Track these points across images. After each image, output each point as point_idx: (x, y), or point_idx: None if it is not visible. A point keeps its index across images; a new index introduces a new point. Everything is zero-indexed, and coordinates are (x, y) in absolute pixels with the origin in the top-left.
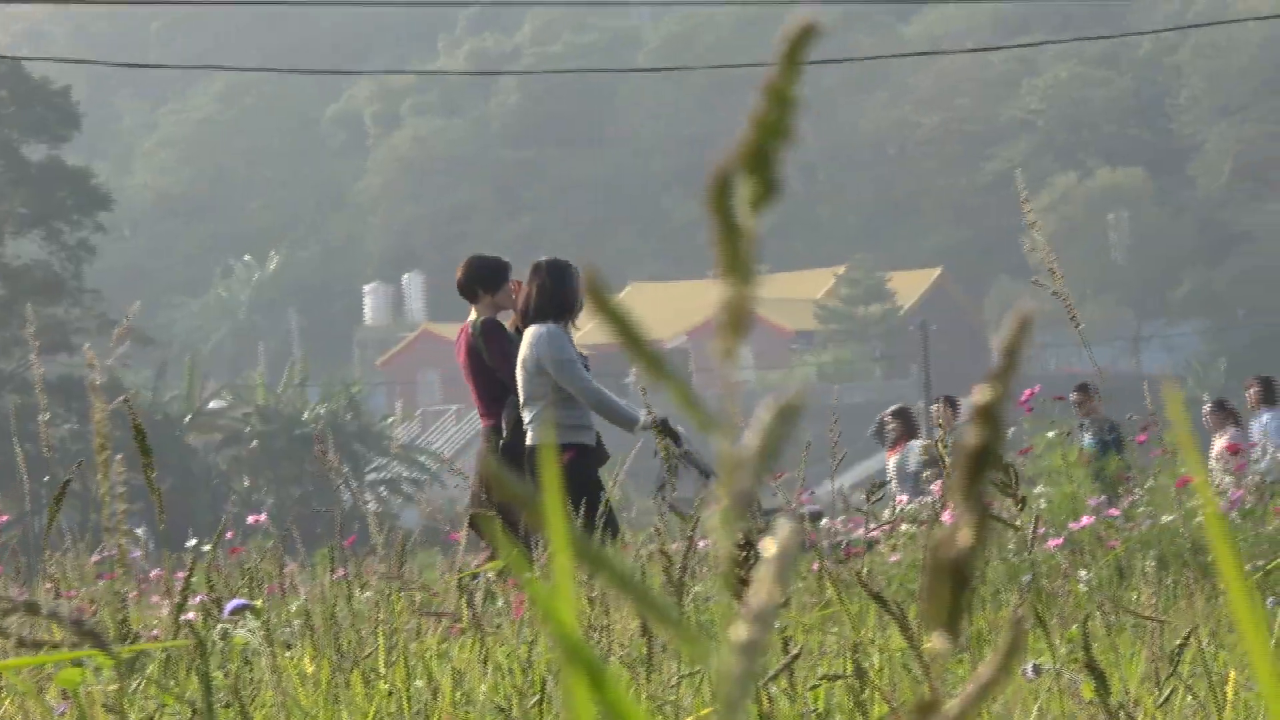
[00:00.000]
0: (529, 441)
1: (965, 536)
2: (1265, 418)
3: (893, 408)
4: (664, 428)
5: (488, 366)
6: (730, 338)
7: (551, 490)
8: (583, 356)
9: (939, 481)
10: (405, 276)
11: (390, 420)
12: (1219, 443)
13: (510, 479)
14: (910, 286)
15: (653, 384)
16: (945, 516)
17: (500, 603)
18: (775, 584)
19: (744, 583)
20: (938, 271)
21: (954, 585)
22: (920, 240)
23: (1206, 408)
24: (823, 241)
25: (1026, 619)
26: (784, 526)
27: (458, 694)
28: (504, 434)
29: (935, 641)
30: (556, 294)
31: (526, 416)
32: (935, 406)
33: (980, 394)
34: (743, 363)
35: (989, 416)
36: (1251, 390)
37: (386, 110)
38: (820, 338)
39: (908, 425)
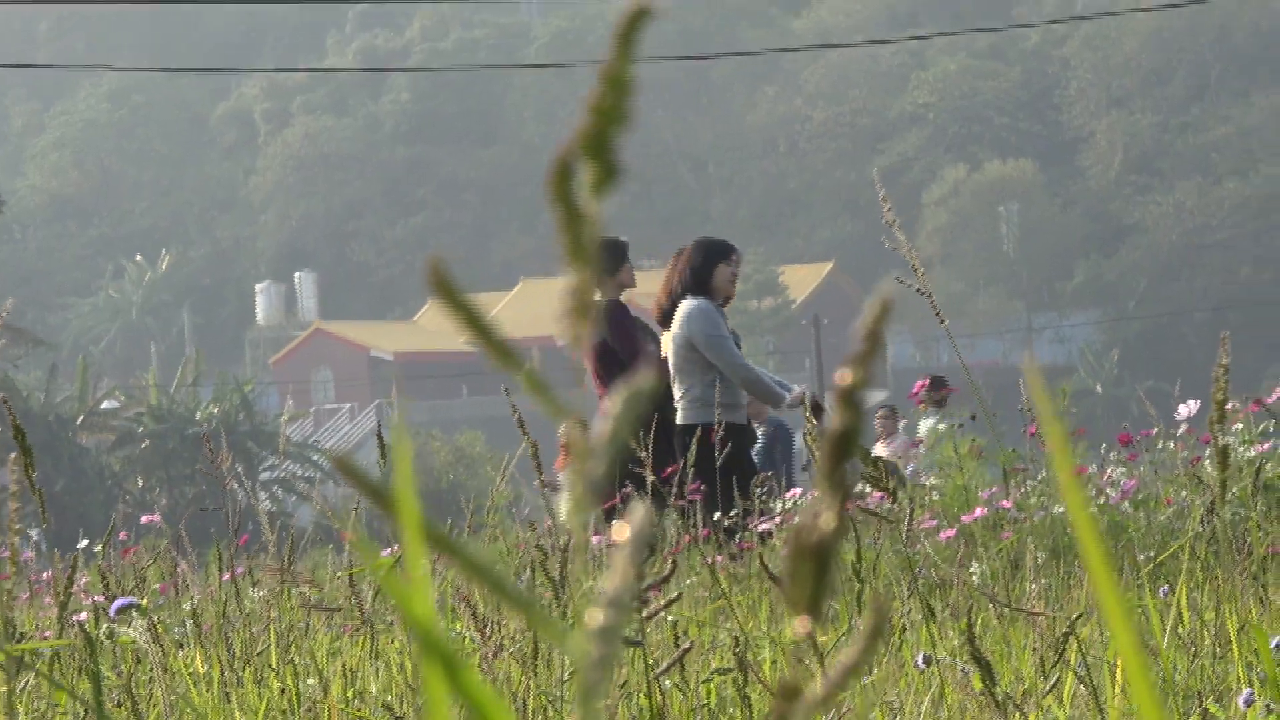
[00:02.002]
0: (679, 420)
1: (827, 520)
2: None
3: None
4: (812, 405)
5: (608, 347)
6: (577, 322)
7: (403, 481)
8: (734, 334)
9: None
10: (297, 275)
11: (282, 419)
12: (884, 449)
13: (359, 472)
14: (802, 280)
15: (503, 374)
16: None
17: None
18: (630, 569)
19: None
20: (829, 265)
21: (816, 569)
22: (812, 234)
23: (880, 412)
24: (714, 235)
25: (888, 604)
26: (636, 512)
27: (349, 691)
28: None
29: (798, 625)
30: (702, 272)
31: (677, 393)
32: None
33: (840, 378)
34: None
35: (849, 401)
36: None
37: (277, 109)
38: None
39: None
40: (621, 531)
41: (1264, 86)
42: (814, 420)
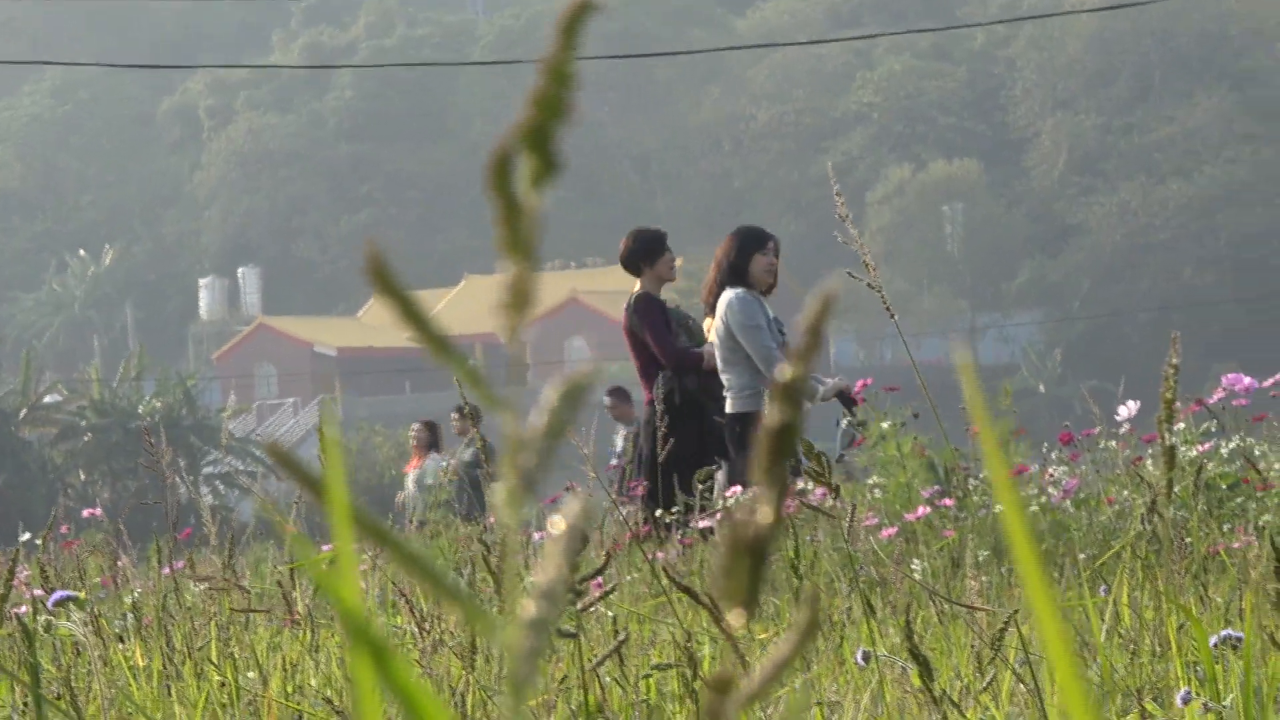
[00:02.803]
0: (728, 409)
1: (764, 514)
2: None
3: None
4: (842, 398)
5: (643, 341)
6: (514, 316)
7: (334, 469)
8: (777, 321)
9: None
10: (241, 270)
11: (225, 414)
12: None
13: (293, 459)
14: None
15: (438, 362)
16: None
17: None
18: (563, 561)
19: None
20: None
21: (752, 562)
22: None
23: (607, 401)
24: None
25: (819, 596)
26: (573, 505)
27: (289, 685)
28: (656, 409)
29: (732, 618)
30: (739, 263)
31: (725, 384)
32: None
33: (781, 372)
34: (580, 354)
35: (789, 395)
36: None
37: (221, 104)
38: None
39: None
40: (557, 524)
41: (1207, 87)
42: (850, 413)
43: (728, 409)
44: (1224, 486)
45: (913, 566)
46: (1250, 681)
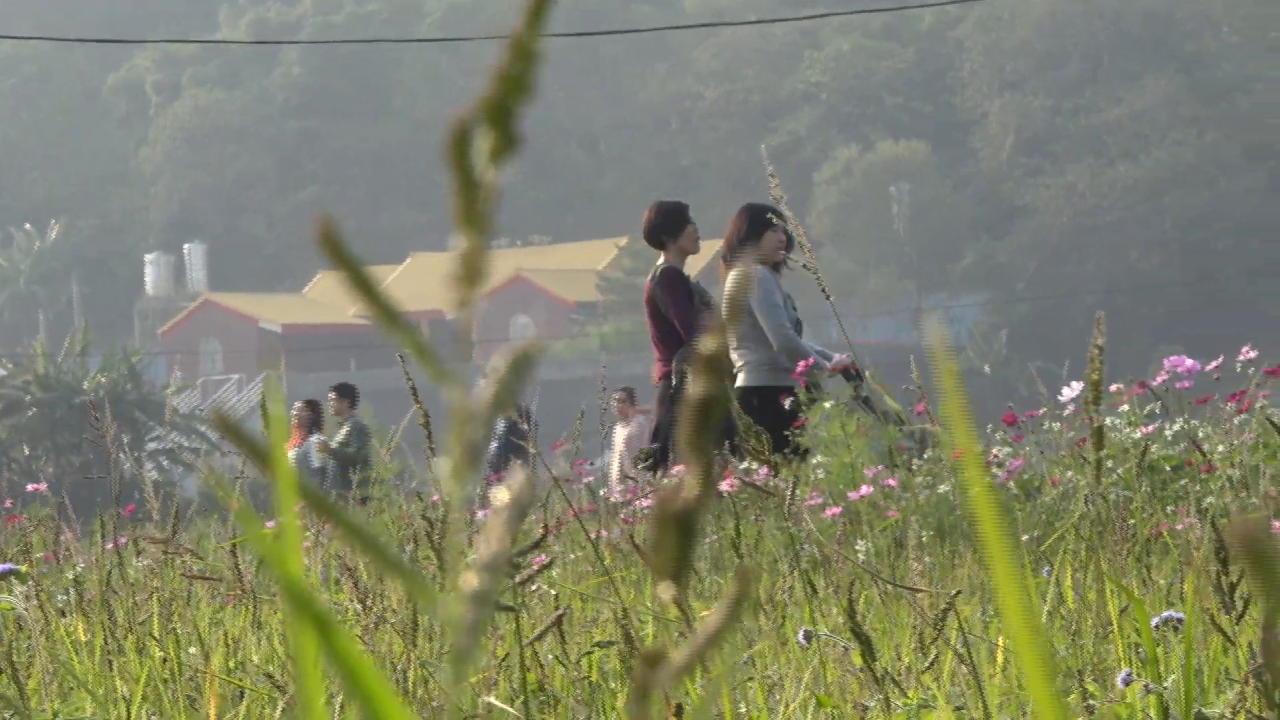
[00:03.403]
0: (740, 383)
1: (691, 488)
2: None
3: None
4: (847, 374)
5: (664, 314)
6: (465, 289)
7: (278, 439)
8: (788, 297)
9: None
10: (187, 246)
11: (170, 389)
12: (621, 432)
13: (236, 427)
14: (693, 258)
15: (386, 333)
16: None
17: None
18: (506, 533)
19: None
20: (719, 243)
21: (680, 536)
22: (703, 212)
23: (618, 395)
24: (605, 213)
25: (752, 571)
26: (517, 475)
27: (231, 661)
28: (673, 383)
29: (661, 590)
30: (749, 239)
31: (735, 359)
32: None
33: (702, 344)
34: (526, 332)
35: (712, 367)
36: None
37: (168, 80)
38: (602, 308)
39: None
40: (501, 496)
41: (1156, 70)
42: (856, 388)
43: (741, 383)
44: (1168, 469)
45: (857, 547)
46: (1191, 663)
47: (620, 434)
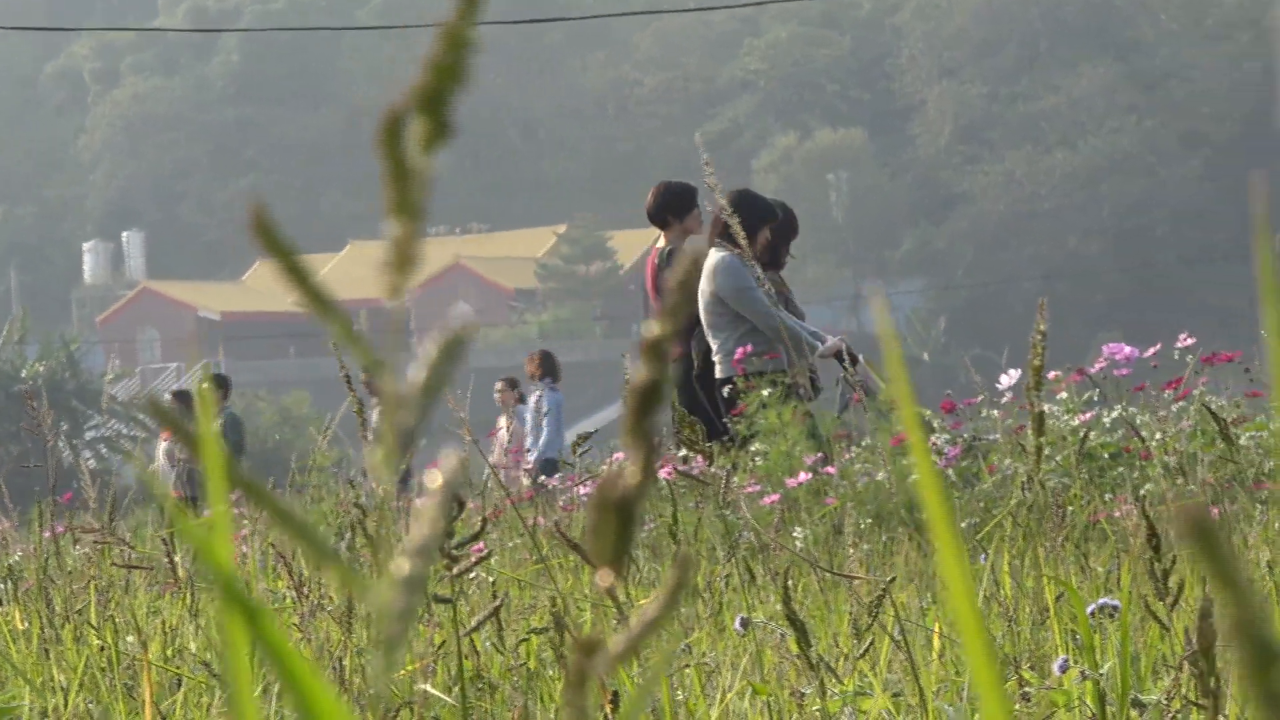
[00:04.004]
0: (718, 374)
1: (631, 474)
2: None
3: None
4: (839, 357)
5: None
6: (398, 277)
7: (207, 423)
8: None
9: None
10: (125, 234)
11: (107, 377)
12: (504, 422)
13: (175, 416)
14: (632, 245)
15: (318, 318)
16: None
17: None
18: (438, 519)
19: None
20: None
21: (619, 522)
22: (642, 199)
23: (499, 385)
24: (544, 200)
25: (689, 558)
26: (449, 459)
27: (168, 649)
28: (695, 365)
29: (599, 577)
30: (745, 231)
31: (713, 347)
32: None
33: (647, 330)
34: (461, 319)
35: (655, 353)
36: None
37: (106, 68)
38: (541, 296)
39: None
40: (433, 479)
41: (1092, 57)
42: (850, 369)
43: (717, 373)
44: (1106, 456)
45: (794, 534)
46: (1127, 650)
47: (503, 423)
